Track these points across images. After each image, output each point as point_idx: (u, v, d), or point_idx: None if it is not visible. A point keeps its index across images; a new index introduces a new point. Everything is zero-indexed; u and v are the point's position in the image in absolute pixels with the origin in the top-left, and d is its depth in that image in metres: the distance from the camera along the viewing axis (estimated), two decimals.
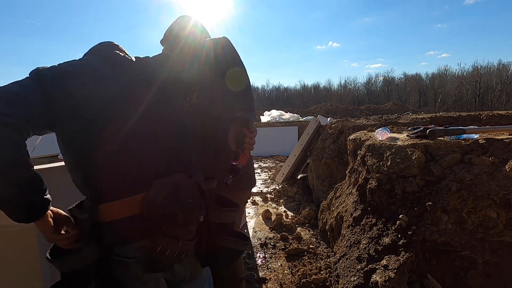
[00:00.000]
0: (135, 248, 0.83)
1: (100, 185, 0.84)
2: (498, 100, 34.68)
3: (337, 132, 3.98)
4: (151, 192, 0.80)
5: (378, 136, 2.14)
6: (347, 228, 2.18)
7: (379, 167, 1.91)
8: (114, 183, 0.83)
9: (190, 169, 0.95)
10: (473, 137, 1.76)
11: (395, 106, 22.80)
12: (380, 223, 1.83)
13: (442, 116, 3.55)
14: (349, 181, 2.64)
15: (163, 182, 0.83)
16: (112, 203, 0.82)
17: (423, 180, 1.71)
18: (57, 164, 1.45)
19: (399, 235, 1.65)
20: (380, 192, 1.87)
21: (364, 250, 1.80)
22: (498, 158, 1.56)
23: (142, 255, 0.83)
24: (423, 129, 1.94)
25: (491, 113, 3.24)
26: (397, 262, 1.54)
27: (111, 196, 0.82)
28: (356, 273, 1.74)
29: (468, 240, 1.49)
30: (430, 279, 1.51)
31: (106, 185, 0.83)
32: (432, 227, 1.56)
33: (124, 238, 0.82)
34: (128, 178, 0.83)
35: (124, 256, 0.83)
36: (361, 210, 2.05)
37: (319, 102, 36.93)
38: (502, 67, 38.16)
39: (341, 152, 3.73)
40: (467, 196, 1.52)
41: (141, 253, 0.83)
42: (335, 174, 3.76)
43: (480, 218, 1.49)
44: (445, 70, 46.21)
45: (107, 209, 0.82)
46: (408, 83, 47.69)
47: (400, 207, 1.74)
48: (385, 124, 3.49)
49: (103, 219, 0.82)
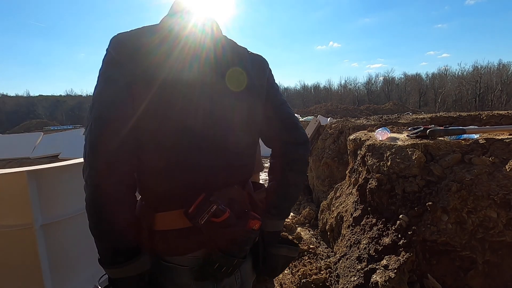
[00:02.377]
0: (190, 258, 0.82)
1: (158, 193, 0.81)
2: (498, 100, 34.69)
3: (337, 132, 3.98)
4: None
5: (378, 136, 2.14)
6: (347, 228, 2.18)
7: (379, 167, 1.91)
8: (172, 192, 0.80)
9: (244, 179, 0.92)
10: (473, 137, 1.76)
11: (395, 106, 22.82)
12: (380, 223, 1.83)
13: (442, 116, 3.55)
14: (349, 181, 2.64)
15: (220, 196, 0.81)
16: (169, 212, 0.80)
17: (423, 180, 1.71)
18: (57, 164, 1.45)
19: (399, 235, 1.65)
20: (380, 192, 1.87)
21: (364, 250, 1.80)
22: (498, 158, 1.56)
23: (195, 264, 0.82)
24: (423, 129, 1.94)
25: (491, 113, 3.24)
26: (397, 262, 1.54)
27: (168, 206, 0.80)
28: (356, 273, 1.74)
29: (468, 240, 1.49)
30: (430, 279, 1.51)
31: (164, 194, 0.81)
32: (432, 227, 1.56)
33: (179, 248, 0.81)
34: (187, 188, 0.80)
35: (176, 263, 0.81)
36: (361, 210, 2.05)
37: (319, 102, 36.98)
38: (502, 67, 38.16)
39: (341, 152, 3.73)
40: (467, 196, 1.52)
41: (195, 262, 0.82)
42: (335, 174, 3.76)
43: (480, 218, 1.49)
44: (445, 70, 46.29)
45: (163, 218, 0.81)
46: (408, 83, 47.71)
47: (400, 207, 1.74)
48: (385, 124, 3.49)
49: (159, 227, 0.80)
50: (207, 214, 0.75)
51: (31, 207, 1.31)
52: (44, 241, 1.37)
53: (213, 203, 0.76)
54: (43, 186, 1.37)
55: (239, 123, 0.86)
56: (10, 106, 60.06)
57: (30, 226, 1.32)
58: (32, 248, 1.33)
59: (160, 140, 0.75)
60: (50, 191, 1.40)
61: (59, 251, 1.48)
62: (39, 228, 1.35)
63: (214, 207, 0.76)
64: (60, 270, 1.46)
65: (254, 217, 0.85)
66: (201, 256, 0.81)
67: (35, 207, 1.34)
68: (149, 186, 0.81)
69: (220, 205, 0.77)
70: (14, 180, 1.32)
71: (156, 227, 0.81)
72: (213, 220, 0.77)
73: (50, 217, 1.42)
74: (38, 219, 1.34)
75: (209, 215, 0.75)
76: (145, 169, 0.78)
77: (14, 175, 1.32)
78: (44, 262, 1.39)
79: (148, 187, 0.81)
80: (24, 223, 1.32)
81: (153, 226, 0.81)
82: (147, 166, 0.78)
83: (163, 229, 0.80)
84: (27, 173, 1.32)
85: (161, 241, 0.81)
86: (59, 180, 1.51)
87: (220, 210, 0.77)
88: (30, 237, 1.32)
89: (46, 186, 1.37)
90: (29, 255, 1.34)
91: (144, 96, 0.70)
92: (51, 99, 67.52)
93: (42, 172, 1.38)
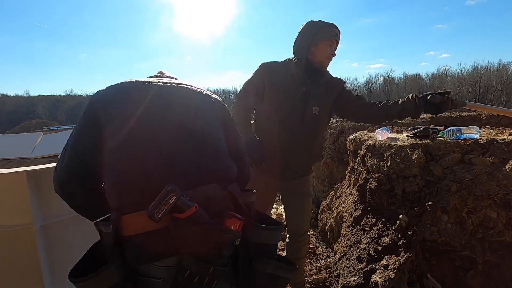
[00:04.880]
0: (162, 268, 0.74)
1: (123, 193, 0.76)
2: (498, 100, 34.69)
3: (337, 132, 3.98)
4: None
5: (378, 136, 2.14)
6: (347, 228, 2.18)
7: (379, 167, 1.91)
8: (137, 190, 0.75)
9: (225, 179, 0.86)
10: (473, 137, 1.76)
11: None
12: (380, 223, 1.83)
13: (442, 116, 3.55)
14: (349, 181, 2.64)
15: (193, 194, 0.74)
16: (135, 214, 0.73)
17: (423, 180, 1.71)
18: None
19: (399, 235, 1.65)
20: (380, 192, 1.87)
21: (364, 250, 1.80)
22: (498, 158, 1.56)
23: (169, 275, 0.74)
24: (423, 129, 1.94)
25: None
26: (397, 262, 1.54)
27: (135, 206, 0.74)
28: (356, 273, 1.74)
29: (468, 240, 1.49)
30: (430, 279, 1.51)
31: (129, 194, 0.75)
32: (432, 227, 1.56)
33: (146, 255, 0.73)
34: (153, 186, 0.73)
35: (150, 276, 0.74)
36: (361, 210, 2.05)
37: None
38: (502, 67, 38.19)
39: (341, 152, 3.73)
40: (467, 196, 1.52)
41: (168, 273, 0.74)
42: (335, 174, 3.76)
43: (480, 218, 1.49)
44: (445, 70, 46.35)
45: (129, 221, 0.74)
46: (408, 83, 47.75)
47: (400, 207, 1.74)
48: (385, 124, 3.49)
49: (126, 233, 0.74)
50: (164, 206, 0.68)
51: (30, 207, 1.31)
52: (44, 241, 1.37)
53: (171, 193, 0.69)
54: (43, 186, 1.37)
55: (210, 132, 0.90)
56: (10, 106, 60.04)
57: (29, 226, 1.32)
58: (32, 248, 1.33)
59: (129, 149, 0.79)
60: (50, 191, 1.39)
61: (59, 251, 1.48)
62: (39, 228, 1.35)
63: (173, 198, 0.68)
64: (60, 270, 1.46)
65: (232, 215, 0.75)
66: (174, 265, 0.73)
67: (35, 207, 1.34)
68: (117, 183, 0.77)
69: (181, 196, 0.70)
70: (14, 180, 1.32)
71: (123, 233, 0.74)
72: (176, 216, 0.69)
73: (50, 217, 1.42)
74: (37, 219, 1.34)
75: (167, 207, 0.68)
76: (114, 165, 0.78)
77: (14, 175, 1.32)
78: (44, 262, 1.39)
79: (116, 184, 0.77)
80: (23, 223, 1.32)
81: (120, 232, 0.74)
82: (117, 162, 0.78)
83: (130, 235, 0.73)
84: (27, 173, 1.32)
85: (128, 248, 0.73)
86: None
87: (183, 203, 0.70)
88: (29, 237, 1.32)
89: (46, 186, 1.37)
90: (29, 255, 1.34)
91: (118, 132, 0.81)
92: (51, 99, 67.53)
93: (42, 172, 1.38)
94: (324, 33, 1.60)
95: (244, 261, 0.81)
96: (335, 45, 1.66)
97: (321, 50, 1.61)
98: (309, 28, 1.63)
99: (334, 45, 1.66)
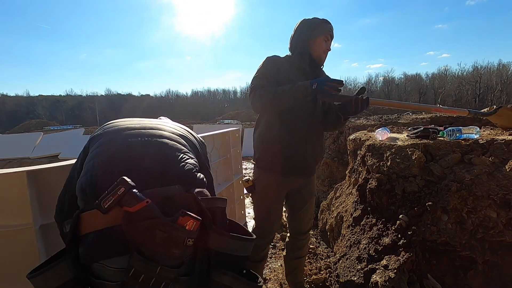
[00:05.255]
0: (115, 270, 0.71)
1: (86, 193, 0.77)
2: (498, 100, 34.71)
3: (337, 132, 3.98)
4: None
5: (378, 136, 2.14)
6: (347, 228, 2.18)
7: (379, 167, 1.91)
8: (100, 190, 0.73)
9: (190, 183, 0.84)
10: (473, 137, 1.76)
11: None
12: (380, 223, 1.83)
13: (442, 116, 3.55)
14: (349, 181, 2.64)
15: (153, 193, 0.73)
16: (92, 211, 0.72)
17: (423, 180, 1.71)
18: (57, 164, 1.45)
19: (399, 235, 1.65)
20: (380, 192, 1.87)
21: (364, 250, 1.80)
22: (498, 158, 1.56)
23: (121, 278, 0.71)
24: (423, 129, 1.94)
25: None
26: (397, 262, 1.54)
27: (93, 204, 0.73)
28: (356, 273, 1.74)
29: (468, 240, 1.49)
30: (430, 279, 1.51)
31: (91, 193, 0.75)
32: (432, 227, 1.56)
33: (96, 252, 0.71)
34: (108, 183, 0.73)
35: (104, 279, 0.72)
36: (361, 210, 2.06)
37: None
38: (502, 67, 38.22)
39: (341, 152, 3.73)
40: (467, 196, 1.52)
41: (121, 275, 0.70)
42: (335, 174, 3.76)
43: (480, 218, 1.49)
44: (445, 70, 46.39)
45: (86, 219, 0.73)
46: (408, 83, 47.77)
47: (400, 207, 1.74)
48: (385, 124, 3.49)
49: (82, 231, 0.73)
50: (112, 197, 0.68)
51: (30, 207, 1.31)
52: (43, 241, 1.37)
53: (120, 184, 0.69)
54: (42, 186, 1.37)
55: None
56: (10, 106, 60.04)
57: (29, 226, 1.32)
58: (32, 248, 1.33)
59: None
60: (50, 191, 1.40)
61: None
62: (39, 228, 1.34)
63: (121, 190, 0.68)
64: None
65: (187, 214, 0.71)
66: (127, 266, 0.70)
67: (35, 207, 1.33)
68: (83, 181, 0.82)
69: (132, 190, 0.69)
70: (14, 180, 1.32)
71: (80, 232, 0.74)
72: (126, 210, 0.69)
73: (50, 217, 1.42)
74: (37, 219, 1.34)
75: (114, 198, 0.68)
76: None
77: (14, 175, 1.32)
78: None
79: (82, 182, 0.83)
80: (23, 223, 1.32)
81: (78, 231, 0.74)
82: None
83: (86, 233, 0.73)
84: (27, 173, 1.32)
85: (81, 245, 0.72)
86: (59, 180, 1.51)
87: (134, 197, 0.69)
88: (29, 237, 1.32)
89: (45, 186, 1.37)
90: (29, 255, 1.34)
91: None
92: (51, 99, 67.51)
93: (42, 172, 1.38)
94: (319, 29, 1.64)
95: (202, 269, 0.78)
96: (330, 40, 1.71)
97: (318, 44, 1.66)
98: (305, 25, 1.67)
99: (329, 41, 1.70)
